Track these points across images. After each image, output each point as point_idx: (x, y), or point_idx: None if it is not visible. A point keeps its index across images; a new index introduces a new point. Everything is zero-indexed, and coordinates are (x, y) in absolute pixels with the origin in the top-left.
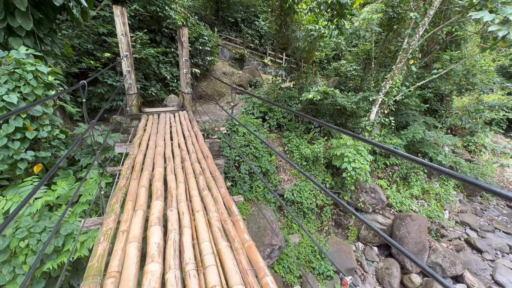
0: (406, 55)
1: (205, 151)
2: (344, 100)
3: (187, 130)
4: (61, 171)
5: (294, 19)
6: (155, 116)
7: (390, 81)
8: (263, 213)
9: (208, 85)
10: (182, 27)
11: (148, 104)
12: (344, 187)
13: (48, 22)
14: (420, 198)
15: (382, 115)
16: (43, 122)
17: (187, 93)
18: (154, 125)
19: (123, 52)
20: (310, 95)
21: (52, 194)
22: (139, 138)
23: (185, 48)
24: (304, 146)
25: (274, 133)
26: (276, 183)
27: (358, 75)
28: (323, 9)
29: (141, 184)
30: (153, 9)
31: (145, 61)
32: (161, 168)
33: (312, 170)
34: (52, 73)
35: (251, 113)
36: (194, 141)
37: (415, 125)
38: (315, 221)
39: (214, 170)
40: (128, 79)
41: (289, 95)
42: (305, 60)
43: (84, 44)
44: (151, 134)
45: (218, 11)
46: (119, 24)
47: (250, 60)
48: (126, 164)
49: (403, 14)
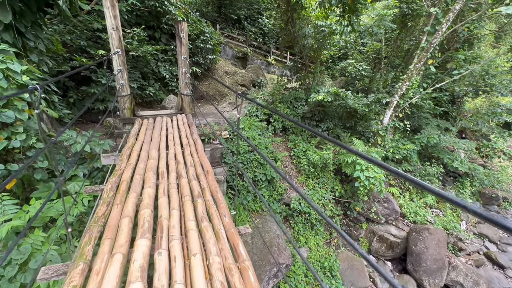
0: (426, 54)
1: (205, 165)
2: (355, 102)
3: (185, 137)
4: (41, 184)
5: (302, 15)
6: (150, 120)
7: (407, 82)
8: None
9: (210, 85)
10: (181, 22)
11: (145, 105)
12: (355, 196)
13: (31, 15)
14: (434, 208)
15: (396, 118)
16: (16, 130)
17: (186, 94)
18: (148, 131)
19: (114, 49)
20: (320, 96)
21: (23, 216)
22: (129, 147)
23: (184, 45)
24: (312, 152)
25: (279, 136)
26: (281, 191)
27: (368, 75)
28: (334, 4)
29: (125, 213)
30: (151, 3)
31: (143, 59)
32: (151, 188)
33: (320, 177)
34: (28, 72)
35: (255, 115)
36: (193, 151)
37: (428, 128)
38: (324, 232)
39: (215, 190)
40: (119, 79)
41: (295, 96)
42: (312, 59)
43: (76, 41)
44: (144, 143)
45: (220, 8)
46: (109, 17)
47: (253, 59)
48: (110, 183)
49: (418, 10)
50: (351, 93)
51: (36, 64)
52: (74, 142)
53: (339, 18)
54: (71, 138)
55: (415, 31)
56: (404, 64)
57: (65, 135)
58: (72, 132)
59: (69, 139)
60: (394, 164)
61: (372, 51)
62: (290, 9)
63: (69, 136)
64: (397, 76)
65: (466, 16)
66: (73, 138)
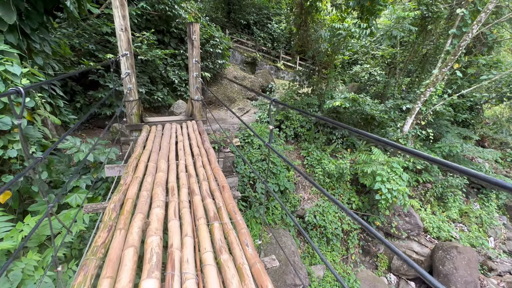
0: (454, 58)
1: (220, 178)
2: (372, 108)
3: (196, 146)
4: (40, 196)
5: (316, 18)
6: (158, 127)
7: (431, 88)
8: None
9: (218, 90)
10: (193, 23)
11: (154, 110)
12: (374, 209)
13: (37, 16)
14: (458, 222)
15: (417, 126)
16: (13, 138)
17: (197, 100)
18: (156, 139)
19: (122, 51)
20: (336, 102)
21: (16, 236)
22: (136, 158)
23: (195, 47)
24: (327, 161)
25: (291, 143)
26: (295, 202)
27: (382, 80)
28: (352, 6)
29: (129, 241)
30: (161, 7)
31: (151, 64)
32: (160, 208)
33: (336, 188)
34: (29, 75)
35: (266, 121)
36: (205, 162)
37: (448, 136)
38: (340, 248)
39: (233, 211)
40: (127, 83)
41: (308, 101)
42: (325, 63)
43: (85, 44)
44: (152, 152)
45: (229, 13)
46: (118, 17)
47: (262, 64)
48: (113, 201)
49: (439, 12)
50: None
51: (41, 67)
52: (78, 150)
53: (357, 20)
54: (74, 146)
55: (435, 34)
56: (420, 69)
57: (68, 142)
58: (76, 139)
59: (72, 147)
60: (413, 174)
61: (388, 55)
62: (304, 12)
63: (72, 144)
64: (412, 81)
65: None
66: (77, 146)
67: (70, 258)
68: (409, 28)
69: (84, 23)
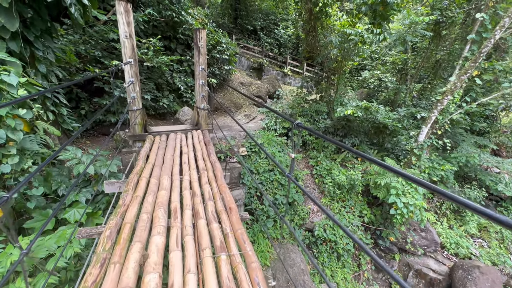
0: (474, 65)
1: (227, 197)
2: (384, 117)
3: (201, 158)
4: (37, 212)
5: (325, 24)
6: (162, 137)
7: (448, 96)
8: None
9: (225, 96)
10: (199, 29)
11: (159, 117)
12: (388, 223)
13: (41, 23)
14: (477, 237)
15: (433, 136)
16: (8, 152)
17: (203, 108)
18: (160, 151)
19: (126, 58)
20: (348, 111)
21: (4, 261)
22: (137, 173)
23: (202, 54)
24: (337, 171)
25: (299, 152)
26: (304, 215)
27: (394, 87)
28: (364, 11)
29: (123, 281)
30: (168, 14)
31: (157, 70)
32: (161, 236)
33: (346, 200)
34: (27, 84)
35: (273, 129)
36: (211, 177)
37: (464, 145)
38: (352, 264)
39: (242, 239)
40: (131, 92)
41: (316, 108)
42: (335, 70)
43: (91, 51)
44: (155, 166)
45: (236, 19)
46: (122, 23)
47: (268, 70)
48: (109, 226)
49: (454, 17)
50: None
51: (44, 75)
52: (78, 162)
53: (370, 25)
54: (75, 158)
55: (449, 40)
56: (433, 76)
57: (69, 153)
58: (77, 150)
59: (73, 158)
60: None
61: (399, 61)
62: (313, 17)
63: (73, 155)
64: (424, 87)
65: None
66: (77, 157)
67: (65, 281)
68: (424, 33)
69: (91, 29)
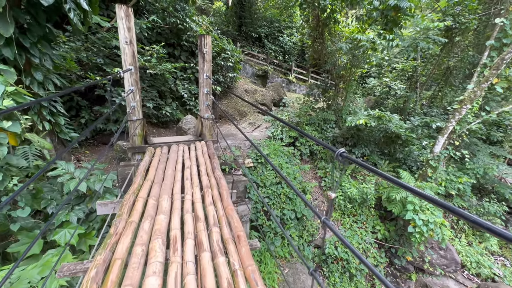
0: (496, 72)
1: (233, 222)
2: (397, 126)
3: (205, 174)
4: (23, 234)
5: (333, 30)
6: (163, 149)
7: (467, 105)
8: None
9: (229, 104)
10: (204, 36)
11: (161, 126)
12: (403, 240)
13: (38, 28)
14: (498, 254)
15: (450, 146)
16: None
17: (207, 118)
18: (160, 165)
19: (126, 65)
20: (360, 121)
21: None
22: (134, 193)
23: (207, 61)
24: (349, 184)
25: (306, 162)
26: (313, 230)
27: (404, 95)
28: (376, 16)
29: None
30: (172, 21)
31: (161, 78)
32: (157, 277)
33: (358, 214)
34: (16, 94)
35: (279, 138)
36: (216, 197)
37: (480, 156)
38: (365, 284)
39: (253, 279)
40: (130, 101)
41: (324, 117)
42: (343, 77)
43: (93, 58)
44: (154, 184)
45: (240, 26)
46: (122, 29)
47: (273, 77)
48: (96, 264)
49: (467, 23)
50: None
51: (40, 82)
52: (71, 178)
53: (382, 31)
54: (68, 173)
55: (462, 46)
56: (443, 83)
57: (59, 169)
58: (69, 165)
59: (65, 173)
60: (443, 198)
61: (409, 68)
62: (321, 24)
63: (65, 170)
64: (435, 95)
65: None
66: (70, 172)
67: None
68: (438, 39)
69: (94, 36)
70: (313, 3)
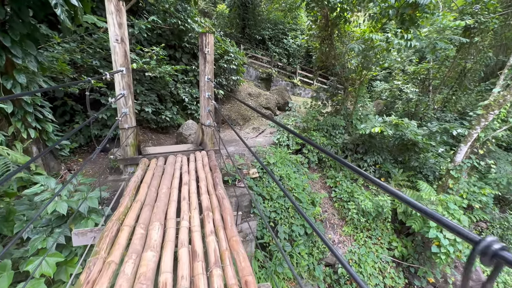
0: None
1: (240, 262)
2: (414, 133)
3: (205, 192)
4: None
5: (342, 30)
6: (159, 161)
7: (495, 111)
8: None
9: (232, 108)
10: (206, 33)
11: (161, 131)
12: (423, 259)
13: (21, 26)
14: None
15: (473, 155)
16: None
17: (209, 125)
18: (154, 181)
19: (117, 66)
20: (376, 128)
21: None
22: (119, 219)
23: (208, 62)
24: (362, 196)
25: (314, 170)
26: (323, 247)
27: (416, 98)
28: (392, 14)
29: None
30: (173, 21)
31: (161, 81)
32: None
33: (372, 229)
34: None
35: (285, 144)
36: (218, 223)
37: (500, 164)
38: None
39: None
40: (122, 107)
41: (333, 122)
42: (353, 80)
43: (88, 60)
44: (144, 206)
45: (244, 28)
46: (112, 25)
47: (277, 80)
48: None
49: (487, 23)
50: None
51: (24, 86)
52: (51, 195)
53: (399, 30)
54: (46, 191)
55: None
56: (457, 86)
57: (37, 186)
58: (49, 180)
59: (42, 191)
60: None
61: (423, 70)
62: (331, 24)
63: (44, 187)
64: (448, 99)
65: None
66: (50, 190)
67: None
68: (459, 39)
69: (91, 37)
70: (322, 2)
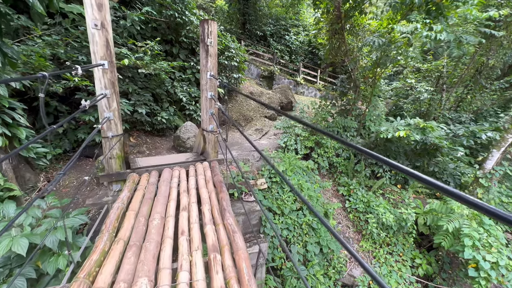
0: None
1: None
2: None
3: (210, 221)
4: None
5: (356, 24)
6: (151, 178)
7: None
8: None
9: (233, 107)
10: (208, 20)
11: (157, 134)
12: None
13: None
14: None
15: (506, 162)
16: None
17: (212, 131)
18: (144, 206)
19: (97, 59)
20: (400, 132)
21: None
22: (90, 274)
23: (211, 55)
24: (379, 205)
25: (324, 176)
26: (340, 266)
27: (430, 97)
28: (418, 3)
29: None
30: (170, 13)
31: (156, 78)
32: None
33: (393, 244)
34: None
35: (293, 149)
36: (229, 272)
37: None
38: None
39: None
40: (104, 110)
41: (344, 124)
42: (366, 78)
43: (73, 55)
44: (128, 249)
45: (244, 24)
46: (90, 6)
47: (280, 78)
48: None
49: None
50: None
51: None
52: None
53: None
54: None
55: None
56: (472, 84)
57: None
58: (8, 205)
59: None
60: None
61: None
62: (344, 16)
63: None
64: (462, 98)
65: None
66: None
67: None
68: (490, 32)
69: (77, 30)
70: None
